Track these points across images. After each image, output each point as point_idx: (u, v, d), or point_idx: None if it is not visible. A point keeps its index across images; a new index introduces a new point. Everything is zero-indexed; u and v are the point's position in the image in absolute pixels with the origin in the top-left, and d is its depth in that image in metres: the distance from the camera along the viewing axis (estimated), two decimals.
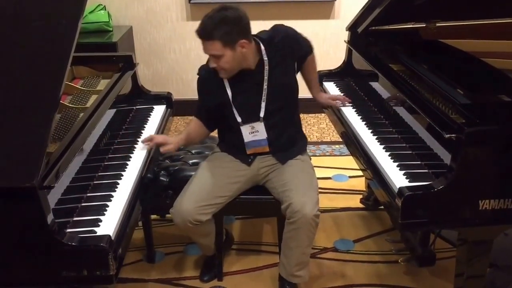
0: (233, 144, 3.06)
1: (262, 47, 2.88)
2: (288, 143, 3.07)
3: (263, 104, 2.92)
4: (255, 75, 2.89)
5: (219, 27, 2.67)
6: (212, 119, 3.10)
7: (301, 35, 3.10)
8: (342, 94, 3.58)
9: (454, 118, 2.34)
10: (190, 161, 3.41)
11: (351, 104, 3.39)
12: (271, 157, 3.04)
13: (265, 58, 2.88)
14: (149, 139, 3.08)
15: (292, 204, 2.79)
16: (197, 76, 3.01)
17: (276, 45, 2.91)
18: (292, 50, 2.99)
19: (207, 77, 2.96)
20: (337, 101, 3.44)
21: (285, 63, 2.95)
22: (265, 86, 2.89)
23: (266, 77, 2.88)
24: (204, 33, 2.71)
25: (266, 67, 2.88)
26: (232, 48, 2.72)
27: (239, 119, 2.96)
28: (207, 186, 2.95)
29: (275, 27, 3.01)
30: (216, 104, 3.00)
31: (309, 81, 3.36)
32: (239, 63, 2.81)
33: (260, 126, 2.95)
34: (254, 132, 2.97)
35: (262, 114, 2.93)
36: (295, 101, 3.07)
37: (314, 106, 3.57)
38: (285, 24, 3.04)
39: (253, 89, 2.91)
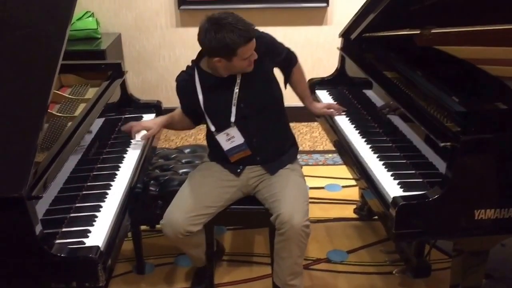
0: (220, 154, 3.06)
1: None
2: (276, 152, 3.08)
3: (233, 109, 2.93)
4: (228, 79, 2.91)
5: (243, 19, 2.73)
6: (196, 117, 3.14)
7: (281, 44, 3.12)
8: (335, 102, 3.59)
9: (449, 126, 2.35)
10: (180, 171, 3.42)
11: (344, 113, 3.41)
12: (260, 167, 3.06)
13: None
14: (128, 128, 3.18)
15: (280, 215, 2.80)
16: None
17: None
18: (268, 55, 2.98)
19: (184, 84, 3.02)
20: (332, 109, 3.44)
21: (260, 68, 2.94)
22: (236, 90, 2.91)
23: (238, 81, 2.91)
24: (252, 34, 2.72)
25: None
26: None
27: (212, 128, 3.00)
28: (197, 196, 2.96)
29: None
30: (192, 110, 3.07)
31: (299, 93, 3.36)
32: None
33: (233, 131, 2.97)
34: (230, 139, 2.99)
35: (233, 119, 2.95)
36: (278, 107, 3.09)
37: (306, 114, 3.58)
38: (265, 32, 3.04)
39: (225, 94, 2.93)
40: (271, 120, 3.04)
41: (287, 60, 3.18)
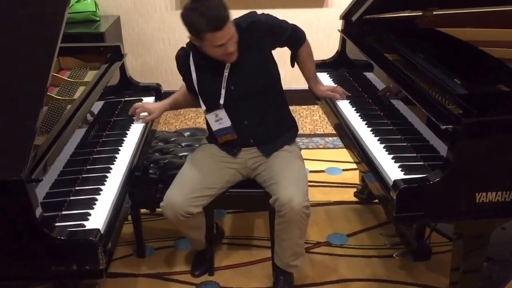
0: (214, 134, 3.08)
1: None
2: (270, 135, 3.08)
3: (222, 91, 2.94)
4: (219, 62, 2.90)
5: (224, 8, 2.68)
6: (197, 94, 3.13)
7: (284, 22, 3.07)
8: (336, 85, 3.58)
9: (451, 109, 2.35)
10: (180, 154, 3.42)
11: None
12: (255, 149, 3.07)
13: None
14: (133, 110, 3.25)
15: (279, 198, 2.81)
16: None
17: (242, 33, 2.88)
18: (269, 37, 2.97)
19: (181, 61, 3.04)
20: (336, 93, 3.41)
21: (254, 51, 2.94)
22: (225, 73, 2.91)
23: (227, 64, 2.90)
24: (222, 20, 2.67)
25: None
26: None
27: (204, 107, 3.03)
28: (197, 178, 2.97)
29: (246, 14, 2.99)
30: (189, 86, 3.09)
31: (304, 73, 3.34)
32: None
33: (222, 113, 2.99)
34: (218, 120, 3.01)
35: (221, 101, 2.96)
36: (274, 90, 3.08)
37: (307, 97, 3.57)
38: (263, 13, 3.03)
39: (216, 76, 2.93)
40: (265, 103, 3.03)
41: (293, 38, 3.14)
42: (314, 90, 3.44)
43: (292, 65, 3.31)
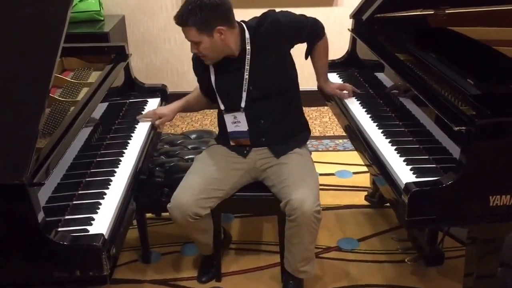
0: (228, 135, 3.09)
1: (247, 35, 2.92)
2: (283, 135, 3.09)
3: (243, 94, 2.96)
4: (238, 63, 2.93)
5: (195, 13, 2.72)
6: (212, 96, 3.13)
7: (302, 17, 3.11)
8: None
9: (464, 110, 2.34)
10: (186, 157, 3.42)
11: (355, 96, 3.39)
12: (267, 149, 3.07)
13: (248, 46, 2.91)
14: (143, 116, 3.29)
15: (290, 201, 2.81)
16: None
17: (262, 33, 2.93)
18: (283, 37, 2.98)
19: (198, 61, 3.04)
20: (345, 91, 3.42)
21: (274, 51, 2.96)
22: (246, 76, 2.92)
23: (247, 66, 2.92)
24: (179, 20, 2.78)
25: (248, 56, 2.92)
26: (208, 35, 2.77)
27: (222, 107, 3.04)
28: (205, 179, 2.97)
29: (266, 13, 3.00)
30: (205, 87, 3.11)
31: (316, 68, 3.35)
32: (220, 50, 2.87)
33: (241, 117, 3.00)
34: (236, 122, 3.03)
35: (243, 104, 2.98)
36: (291, 90, 3.10)
37: (316, 99, 3.56)
38: (282, 10, 3.04)
39: (236, 77, 2.95)
40: (281, 102, 3.04)
41: (313, 33, 3.17)
42: (324, 87, 3.46)
43: (306, 57, 3.31)
